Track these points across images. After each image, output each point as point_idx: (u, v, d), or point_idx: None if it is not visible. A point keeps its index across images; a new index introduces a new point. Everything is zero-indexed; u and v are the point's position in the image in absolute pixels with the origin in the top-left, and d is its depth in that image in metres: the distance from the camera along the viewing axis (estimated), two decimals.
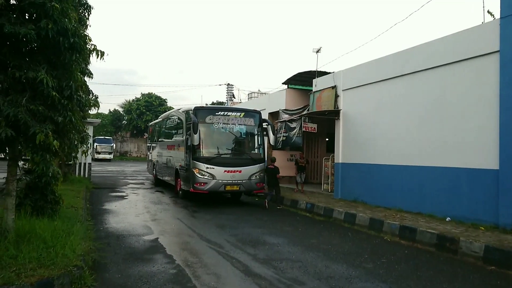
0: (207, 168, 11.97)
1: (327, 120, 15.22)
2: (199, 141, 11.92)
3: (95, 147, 38.94)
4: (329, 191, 15.11)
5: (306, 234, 8.80)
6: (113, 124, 57.19)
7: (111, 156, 43.97)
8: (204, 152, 12.24)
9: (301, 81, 18.31)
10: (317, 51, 15.47)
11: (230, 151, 12.83)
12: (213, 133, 12.71)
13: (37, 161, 6.34)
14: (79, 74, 7.07)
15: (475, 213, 8.93)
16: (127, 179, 22.14)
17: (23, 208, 6.91)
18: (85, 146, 8.15)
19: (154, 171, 19.20)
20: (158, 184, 18.45)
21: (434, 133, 10.14)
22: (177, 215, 10.75)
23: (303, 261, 6.57)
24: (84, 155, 8.48)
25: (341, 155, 13.79)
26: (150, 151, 21.16)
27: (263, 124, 13.44)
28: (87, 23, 9.80)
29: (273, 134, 13.35)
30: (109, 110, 58.31)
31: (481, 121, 8.99)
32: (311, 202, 12.16)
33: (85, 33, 6.68)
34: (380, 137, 12.03)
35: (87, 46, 6.70)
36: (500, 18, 8.62)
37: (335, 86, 14.08)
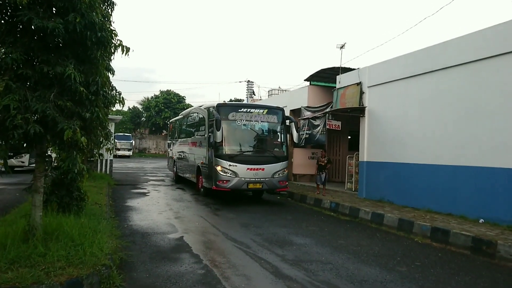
0: (230, 165, 11.78)
1: (350, 117, 14.92)
2: (222, 138, 11.72)
3: (114, 144, 39.33)
4: (353, 190, 14.80)
5: (333, 235, 8.56)
6: (132, 121, 57.71)
7: (130, 153, 44.35)
8: (227, 149, 12.03)
9: (324, 78, 18.00)
10: (341, 47, 15.18)
11: (252, 149, 12.58)
12: (235, 130, 12.53)
13: (64, 158, 6.28)
14: (104, 69, 6.99)
15: (511, 215, 8.54)
16: (148, 175, 22.20)
17: (50, 205, 6.87)
18: (110, 143, 8.07)
19: (175, 168, 19.09)
20: (179, 181, 18.28)
21: (467, 132, 9.75)
22: (200, 213, 10.63)
23: (334, 263, 6.34)
24: (110, 152, 8.42)
25: (366, 154, 13.46)
26: (170, 148, 21.02)
27: (286, 121, 13.13)
28: (111, 19, 9.76)
29: (297, 131, 13.03)
30: (128, 107, 58.85)
31: None
32: (335, 202, 11.89)
33: (112, 28, 6.59)
34: (408, 135, 11.67)
35: (113, 41, 6.60)
36: None
37: (360, 82, 13.75)
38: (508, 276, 5.99)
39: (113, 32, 6.59)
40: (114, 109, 9.68)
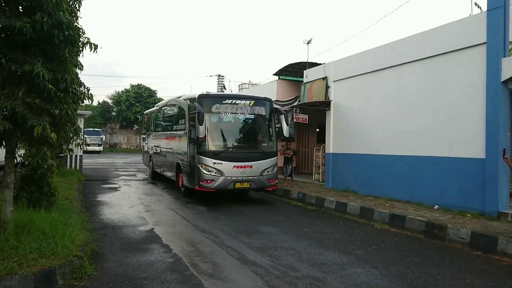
0: (214, 163, 10.72)
1: (318, 111, 15.37)
2: (205, 133, 10.73)
3: (84, 139, 38.57)
4: (320, 181, 15.33)
5: (298, 223, 8.99)
6: (102, 116, 56.69)
7: (101, 148, 43.69)
8: (211, 145, 11.00)
9: (292, 72, 18.43)
10: (308, 42, 15.61)
11: (239, 144, 11.63)
12: (220, 124, 11.48)
13: (33, 154, 6.42)
14: (73, 67, 7.12)
15: (462, 201, 9.20)
16: (119, 170, 22.13)
17: (20, 201, 6.98)
18: (79, 138, 8.19)
19: (151, 164, 17.87)
20: (156, 178, 17.26)
21: (424, 123, 10.36)
22: (171, 206, 10.86)
23: (297, 249, 6.75)
24: (80, 147, 8.54)
25: (332, 146, 13.99)
26: (146, 142, 19.58)
27: (276, 113, 12.19)
28: (78, 14, 9.79)
29: (287, 124, 11.95)
30: (98, 101, 57.75)
31: (469, 111, 9.22)
32: (302, 192, 12.36)
33: (79, 26, 6.71)
34: (371, 127, 12.22)
35: (81, 39, 6.73)
36: (487, 10, 8.81)
37: (326, 77, 14.23)
38: (454, 256, 6.55)
39: (81, 29, 6.71)
40: (83, 104, 9.74)
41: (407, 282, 5.21)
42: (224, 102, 11.38)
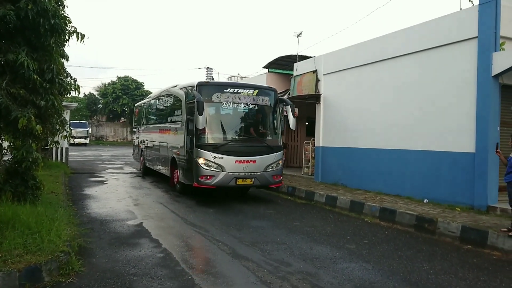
0: (215, 157, 9.85)
1: (307, 104, 15.33)
2: (205, 124, 9.85)
3: (70, 132, 37.90)
4: (310, 174, 15.32)
5: (289, 217, 8.94)
6: (88, 108, 55.93)
7: (87, 141, 43.15)
8: (211, 138, 10.13)
9: (282, 65, 18.34)
10: (298, 35, 15.53)
11: (242, 137, 10.70)
12: (221, 115, 10.64)
13: (18, 146, 6.23)
14: (59, 57, 6.92)
15: (452, 195, 9.24)
16: (105, 163, 21.84)
17: (4, 194, 6.77)
18: (65, 131, 7.99)
19: (142, 159, 16.78)
20: (147, 174, 16.26)
21: (414, 117, 10.37)
22: (160, 199, 10.72)
23: (288, 243, 6.69)
24: (67, 140, 8.34)
25: (321, 139, 13.96)
26: (137, 136, 18.63)
27: (282, 104, 11.44)
28: (64, 3, 9.55)
29: (293, 115, 11.17)
30: (84, 93, 56.93)
31: (460, 105, 9.24)
32: (292, 186, 12.32)
33: (65, 14, 6.52)
34: (361, 121, 12.21)
35: (67, 28, 6.54)
36: (479, 4, 8.81)
37: (316, 70, 14.16)
38: (444, 250, 6.57)
39: (67, 18, 6.53)
40: (68, 96, 9.52)
41: (400, 277, 5.19)
42: (225, 91, 10.43)
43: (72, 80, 8.43)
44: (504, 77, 8.63)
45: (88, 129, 44.23)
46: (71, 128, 9.77)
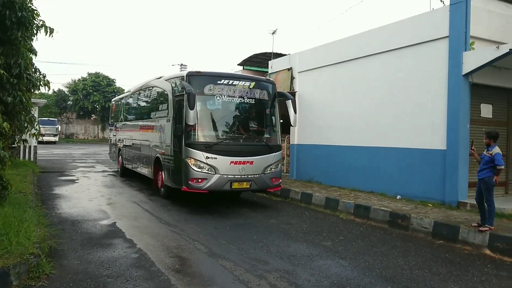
0: (207, 158, 8.78)
1: (283, 102, 15.30)
2: (196, 120, 8.72)
3: (39, 129, 36.76)
4: (285, 172, 15.34)
5: (265, 215, 8.93)
6: (57, 105, 54.33)
7: (56, 139, 41.96)
8: (203, 135, 9.04)
9: (257, 63, 18.34)
10: (273, 33, 15.56)
11: (237, 135, 9.64)
12: (214, 110, 9.55)
13: None
14: (27, 51, 6.67)
15: (424, 191, 9.45)
16: (76, 162, 21.28)
17: None
18: (34, 128, 7.71)
19: (120, 159, 15.34)
20: (126, 175, 14.91)
21: (388, 115, 10.52)
22: (133, 198, 10.51)
23: (265, 241, 6.67)
24: (35, 137, 8.05)
25: (296, 137, 14.02)
26: (114, 133, 17.20)
27: (281, 98, 10.44)
28: None
29: (295, 111, 10.27)
30: (53, 90, 55.23)
31: (431, 103, 9.43)
32: None
33: (33, 7, 6.28)
34: (336, 118, 12.32)
35: (35, 21, 6.31)
36: (450, 4, 9.02)
37: (291, 68, 14.20)
38: (418, 245, 6.70)
39: (35, 11, 6.31)
40: (37, 92, 9.20)
41: (375, 273, 5.25)
42: (219, 82, 9.28)
43: (41, 76, 8.15)
44: (474, 76, 8.86)
45: (57, 126, 42.98)
46: (40, 126, 9.47)
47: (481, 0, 9.09)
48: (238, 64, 19.34)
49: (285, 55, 15.48)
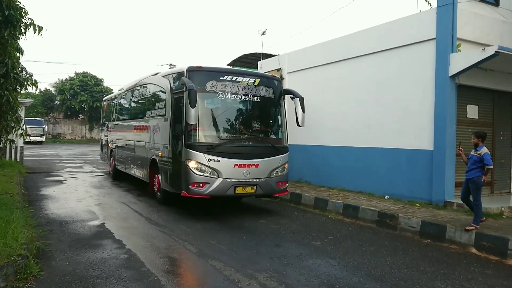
0: (209, 160, 8.15)
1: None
2: (197, 119, 8.05)
3: (25, 129, 36.25)
4: None
5: (254, 215, 8.95)
6: (44, 105, 53.67)
7: (43, 139, 41.44)
8: (204, 136, 8.42)
9: (247, 63, 18.33)
10: (263, 33, 15.59)
11: (242, 136, 9.01)
12: (216, 108, 8.86)
13: None
14: (14, 50, 6.60)
15: (411, 191, 9.55)
16: (63, 162, 21.05)
17: None
18: (21, 128, 7.62)
19: (113, 160, 14.59)
20: (118, 178, 14.19)
21: (376, 115, 10.61)
22: (122, 199, 10.45)
23: (254, 241, 6.70)
24: (23, 137, 7.95)
25: None
26: (106, 134, 16.35)
27: (288, 96, 9.97)
28: None
29: (303, 110, 9.74)
30: (40, 89, 54.53)
31: (419, 104, 9.54)
32: None
33: (21, 5, 6.22)
34: (324, 119, 12.38)
35: (23, 20, 6.24)
36: (437, 7, 9.14)
37: (280, 68, 14.23)
38: (406, 245, 6.78)
39: (23, 10, 6.24)
40: (23, 91, 9.08)
41: (364, 272, 5.30)
42: (222, 78, 8.63)
43: (28, 75, 8.06)
44: (461, 78, 8.99)
45: (44, 126, 42.46)
46: (27, 126, 9.35)
47: (468, 3, 9.22)
48: (227, 64, 19.28)
49: (274, 55, 15.51)
